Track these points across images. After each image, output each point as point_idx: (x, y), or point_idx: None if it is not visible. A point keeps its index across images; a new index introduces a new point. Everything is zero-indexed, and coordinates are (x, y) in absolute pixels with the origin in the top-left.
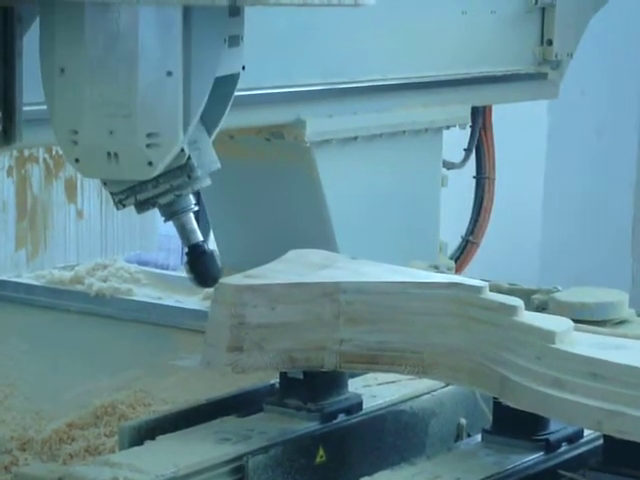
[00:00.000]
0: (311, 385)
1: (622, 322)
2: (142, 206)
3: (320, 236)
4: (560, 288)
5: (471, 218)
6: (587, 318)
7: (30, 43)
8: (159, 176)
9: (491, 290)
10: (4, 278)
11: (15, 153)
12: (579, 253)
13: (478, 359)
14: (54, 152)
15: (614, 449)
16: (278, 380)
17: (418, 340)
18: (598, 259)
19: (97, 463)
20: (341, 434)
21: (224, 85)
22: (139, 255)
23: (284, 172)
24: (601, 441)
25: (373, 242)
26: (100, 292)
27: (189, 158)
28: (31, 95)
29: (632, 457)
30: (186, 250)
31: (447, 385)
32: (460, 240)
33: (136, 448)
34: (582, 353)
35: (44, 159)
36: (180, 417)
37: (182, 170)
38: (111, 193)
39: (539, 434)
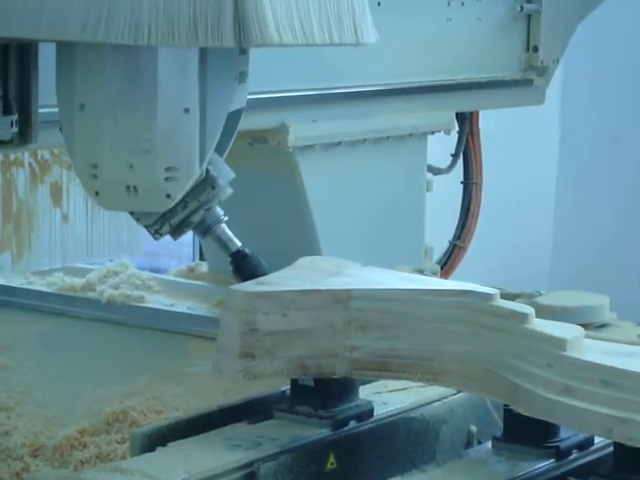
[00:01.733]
0: (322, 392)
1: (604, 325)
2: (177, 230)
3: (304, 241)
4: (543, 292)
5: (458, 223)
6: (569, 322)
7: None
8: (185, 196)
9: None
10: (15, 285)
11: (0, 157)
12: (591, 260)
13: (489, 366)
14: (39, 156)
15: (624, 456)
16: (289, 387)
17: (429, 347)
18: (610, 267)
19: (108, 469)
20: (352, 441)
21: (230, 118)
22: (151, 262)
23: (268, 177)
24: (612, 448)
25: (358, 247)
26: (112, 299)
27: (208, 171)
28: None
29: None
30: (229, 260)
31: (458, 392)
32: (447, 245)
33: (147, 454)
34: (593, 360)
35: (29, 163)
36: (191, 423)
37: (205, 184)
38: (145, 226)
39: (550, 441)
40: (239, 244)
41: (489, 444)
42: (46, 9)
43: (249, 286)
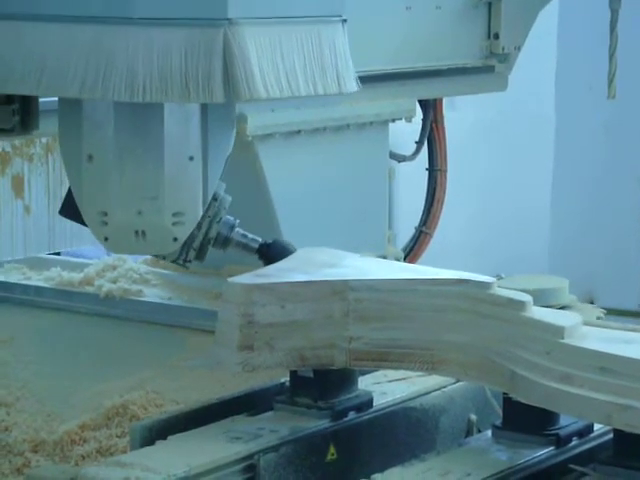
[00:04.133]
0: (321, 383)
1: (563, 308)
2: (201, 252)
3: (266, 231)
4: (503, 276)
5: (424, 209)
6: None
7: None
8: None
9: None
10: (13, 281)
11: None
12: (587, 248)
13: (487, 355)
14: (0, 149)
15: (624, 443)
16: (288, 379)
17: (427, 337)
18: (606, 254)
19: (109, 463)
20: (352, 432)
21: None
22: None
23: (228, 166)
24: (611, 435)
25: (320, 235)
26: (110, 293)
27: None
28: None
29: None
30: (257, 256)
31: (457, 381)
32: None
33: (148, 448)
34: (591, 347)
35: None
36: (191, 416)
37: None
38: (173, 261)
39: (549, 429)
40: (259, 239)
41: (489, 433)
42: (46, 68)
43: (247, 278)
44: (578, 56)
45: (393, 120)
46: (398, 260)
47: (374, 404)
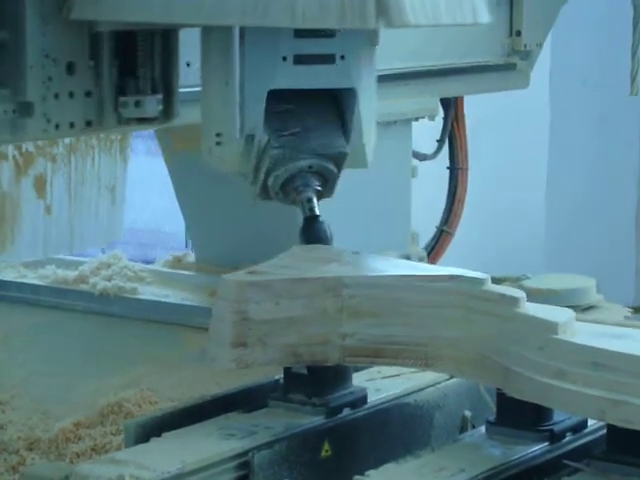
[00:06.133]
0: (315, 380)
1: (591, 307)
2: (263, 187)
3: (289, 230)
4: (530, 275)
5: (445, 208)
6: (556, 304)
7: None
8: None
9: None
10: (8, 279)
11: None
12: (582, 243)
13: (481, 351)
14: (24, 149)
15: (618, 438)
16: (282, 375)
17: (421, 333)
18: (601, 249)
19: (103, 461)
20: (346, 428)
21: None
22: (144, 254)
23: None
24: (605, 431)
25: (343, 234)
26: (104, 291)
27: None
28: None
29: (636, 446)
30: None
31: (451, 377)
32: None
33: (142, 445)
34: (584, 343)
35: (13, 156)
36: (185, 414)
37: (265, 149)
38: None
39: (543, 425)
40: (316, 212)
41: (483, 429)
42: None
43: (241, 276)
44: (572, 50)
45: (416, 119)
46: (422, 260)
47: (368, 400)
